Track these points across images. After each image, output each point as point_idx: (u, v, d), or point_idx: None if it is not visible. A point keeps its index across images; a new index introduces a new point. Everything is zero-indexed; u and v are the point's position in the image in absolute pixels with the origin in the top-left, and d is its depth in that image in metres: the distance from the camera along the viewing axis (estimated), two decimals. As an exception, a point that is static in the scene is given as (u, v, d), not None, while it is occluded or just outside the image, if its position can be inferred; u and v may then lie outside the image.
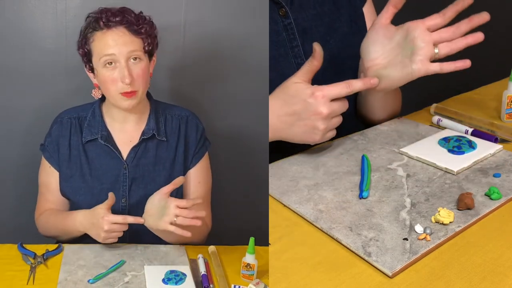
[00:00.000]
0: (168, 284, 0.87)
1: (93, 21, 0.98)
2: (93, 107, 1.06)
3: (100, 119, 1.04)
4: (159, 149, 1.06)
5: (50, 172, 1.05)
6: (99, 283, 0.86)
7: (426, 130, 1.13)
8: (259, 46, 1.24)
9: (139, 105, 1.02)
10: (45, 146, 1.06)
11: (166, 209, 0.92)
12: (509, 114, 1.17)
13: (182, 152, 1.07)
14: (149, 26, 1.00)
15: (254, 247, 0.89)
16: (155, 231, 0.97)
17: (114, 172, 1.03)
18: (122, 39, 0.96)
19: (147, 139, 1.05)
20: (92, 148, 1.04)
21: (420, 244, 0.75)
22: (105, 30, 0.97)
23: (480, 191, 0.87)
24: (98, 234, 0.93)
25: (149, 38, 1.00)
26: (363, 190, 0.88)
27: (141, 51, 0.99)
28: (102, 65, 0.97)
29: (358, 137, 1.11)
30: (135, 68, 0.98)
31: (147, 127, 1.05)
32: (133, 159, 1.04)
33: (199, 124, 1.10)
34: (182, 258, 0.96)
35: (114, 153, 1.03)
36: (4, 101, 1.25)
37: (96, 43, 0.98)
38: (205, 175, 1.11)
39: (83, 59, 1.02)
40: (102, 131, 1.03)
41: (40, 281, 0.85)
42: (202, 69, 1.34)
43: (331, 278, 0.71)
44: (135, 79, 0.97)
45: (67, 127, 1.04)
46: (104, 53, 0.96)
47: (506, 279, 0.68)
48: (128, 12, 0.99)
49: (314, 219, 0.82)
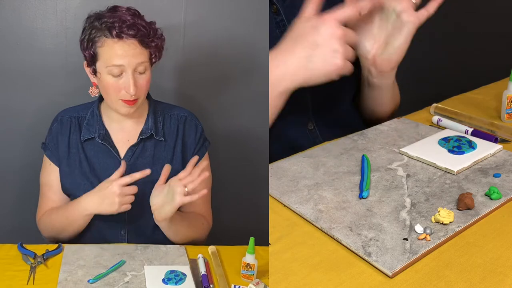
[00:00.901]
0: (168, 284, 0.87)
1: (104, 27, 0.96)
2: (92, 107, 1.06)
3: (98, 118, 1.05)
4: (156, 149, 1.06)
5: (50, 170, 1.06)
6: (99, 283, 0.86)
7: (426, 130, 1.13)
8: (259, 46, 1.24)
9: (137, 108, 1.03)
10: (46, 144, 1.07)
11: (173, 188, 0.94)
12: (509, 114, 1.17)
13: (180, 152, 1.07)
14: (160, 40, 1.01)
15: (254, 247, 0.89)
16: (168, 228, 0.99)
17: (112, 171, 1.02)
18: (133, 51, 0.96)
19: (145, 139, 1.05)
20: (91, 147, 1.05)
21: (420, 244, 0.75)
22: (116, 40, 0.96)
23: (480, 191, 0.87)
24: (112, 202, 0.96)
25: (157, 51, 1.00)
26: (363, 190, 0.88)
27: (147, 62, 0.99)
28: (107, 72, 0.97)
29: (358, 137, 1.11)
30: (140, 79, 0.98)
31: (145, 127, 1.05)
32: (131, 158, 1.04)
33: (198, 124, 1.10)
34: (182, 258, 0.96)
35: (111, 152, 1.04)
36: (4, 101, 1.25)
37: (105, 50, 0.97)
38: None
39: (86, 58, 1.01)
40: (100, 130, 1.04)
41: (40, 281, 0.85)
42: (202, 69, 1.34)
43: (331, 278, 0.71)
44: (138, 89, 0.98)
45: (67, 126, 1.06)
46: (112, 63, 0.96)
47: (506, 279, 0.68)
48: (140, 22, 0.98)
49: (314, 219, 0.82)
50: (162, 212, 0.96)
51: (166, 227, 1.00)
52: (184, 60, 1.31)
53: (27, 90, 1.25)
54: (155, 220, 0.99)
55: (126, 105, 0.99)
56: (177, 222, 1.01)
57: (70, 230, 1.02)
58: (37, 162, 1.10)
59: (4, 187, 1.30)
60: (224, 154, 1.33)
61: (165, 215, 0.97)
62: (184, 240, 1.02)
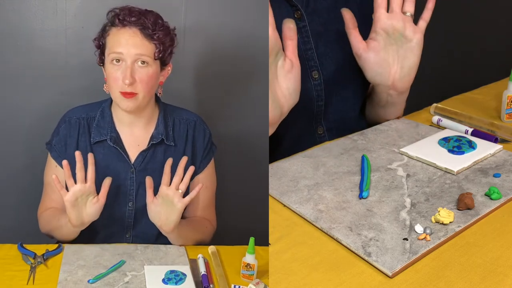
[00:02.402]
0: (168, 284, 0.87)
1: (112, 15, 0.98)
2: (102, 107, 1.04)
3: (109, 120, 1.03)
4: (166, 154, 1.04)
5: (55, 171, 1.04)
6: (99, 283, 0.86)
7: (426, 130, 1.13)
8: (259, 46, 1.24)
9: (146, 109, 1.02)
10: (52, 145, 1.04)
11: (168, 197, 0.94)
12: (509, 114, 1.17)
13: (190, 157, 1.06)
14: (164, 34, 0.99)
15: (254, 247, 0.89)
16: (177, 237, 0.99)
17: (121, 175, 1.02)
18: (133, 40, 0.96)
19: (156, 144, 1.04)
20: (100, 150, 1.02)
21: (420, 244, 0.75)
22: (119, 27, 0.96)
23: (480, 191, 0.87)
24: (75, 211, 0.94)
25: (161, 45, 0.98)
26: (363, 190, 0.88)
27: (150, 57, 0.97)
28: (109, 61, 0.97)
29: (358, 137, 1.11)
30: (139, 72, 0.97)
31: (156, 132, 1.04)
32: (141, 163, 1.03)
33: (207, 129, 1.09)
34: (182, 258, 0.96)
35: (122, 155, 1.02)
36: (4, 101, 1.25)
37: (110, 38, 0.98)
38: (211, 180, 1.11)
39: (97, 51, 1.01)
40: (111, 133, 1.02)
41: (40, 281, 0.85)
42: (201, 69, 1.34)
43: (331, 278, 0.71)
44: (136, 81, 0.96)
45: (75, 127, 1.03)
46: (113, 50, 0.96)
47: (506, 279, 0.68)
48: (149, 15, 0.98)
49: (314, 219, 0.82)
50: (169, 223, 0.95)
51: (175, 237, 0.99)
52: (184, 60, 1.31)
53: (26, 90, 1.25)
54: (164, 233, 0.98)
55: (124, 98, 0.97)
56: (184, 229, 1.00)
57: (61, 234, 1.01)
58: (37, 163, 1.09)
59: (4, 187, 1.30)
60: (224, 154, 1.32)
61: (173, 225, 0.96)
62: (190, 244, 1.02)
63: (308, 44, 1.11)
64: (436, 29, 2.26)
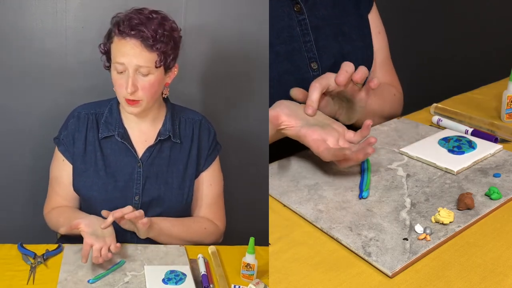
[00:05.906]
0: (168, 284, 0.87)
1: (115, 23, 0.98)
2: (110, 104, 1.06)
3: (117, 116, 1.05)
4: (173, 151, 1.07)
5: (63, 165, 1.05)
6: (99, 283, 0.86)
7: (426, 130, 1.13)
8: (260, 45, 1.24)
9: (152, 109, 1.04)
10: (60, 139, 1.06)
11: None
12: (509, 114, 1.17)
13: (195, 156, 1.09)
14: (165, 43, 0.98)
15: (254, 247, 0.89)
16: (157, 239, 1.01)
17: (128, 169, 1.04)
18: (133, 51, 0.96)
19: (163, 140, 1.06)
20: (108, 145, 1.05)
21: (420, 244, 0.75)
22: (120, 38, 0.97)
23: (480, 191, 0.87)
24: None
25: (162, 54, 0.98)
26: (363, 190, 0.88)
27: (151, 66, 0.98)
28: (114, 68, 0.99)
29: (358, 137, 1.11)
30: (142, 80, 0.98)
31: (164, 128, 1.06)
32: (148, 158, 1.05)
33: (211, 128, 1.12)
34: (182, 258, 0.96)
35: (130, 150, 1.04)
36: (4, 101, 1.25)
37: (113, 46, 0.99)
38: (217, 178, 1.13)
39: (103, 56, 1.03)
40: (119, 128, 1.04)
41: (40, 281, 0.85)
42: (201, 69, 1.34)
43: (331, 278, 0.71)
44: (139, 90, 0.98)
45: (84, 123, 1.05)
46: (116, 60, 0.98)
47: (506, 279, 0.68)
48: (150, 23, 0.97)
49: (314, 219, 0.82)
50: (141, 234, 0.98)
51: (155, 238, 1.01)
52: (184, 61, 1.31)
53: (26, 90, 1.25)
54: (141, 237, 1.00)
55: (129, 104, 0.99)
56: (167, 229, 1.02)
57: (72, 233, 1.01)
58: (37, 163, 1.10)
59: (4, 188, 1.29)
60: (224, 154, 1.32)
61: (146, 235, 0.98)
62: (186, 244, 1.02)
63: (307, 36, 1.12)
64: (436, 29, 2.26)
